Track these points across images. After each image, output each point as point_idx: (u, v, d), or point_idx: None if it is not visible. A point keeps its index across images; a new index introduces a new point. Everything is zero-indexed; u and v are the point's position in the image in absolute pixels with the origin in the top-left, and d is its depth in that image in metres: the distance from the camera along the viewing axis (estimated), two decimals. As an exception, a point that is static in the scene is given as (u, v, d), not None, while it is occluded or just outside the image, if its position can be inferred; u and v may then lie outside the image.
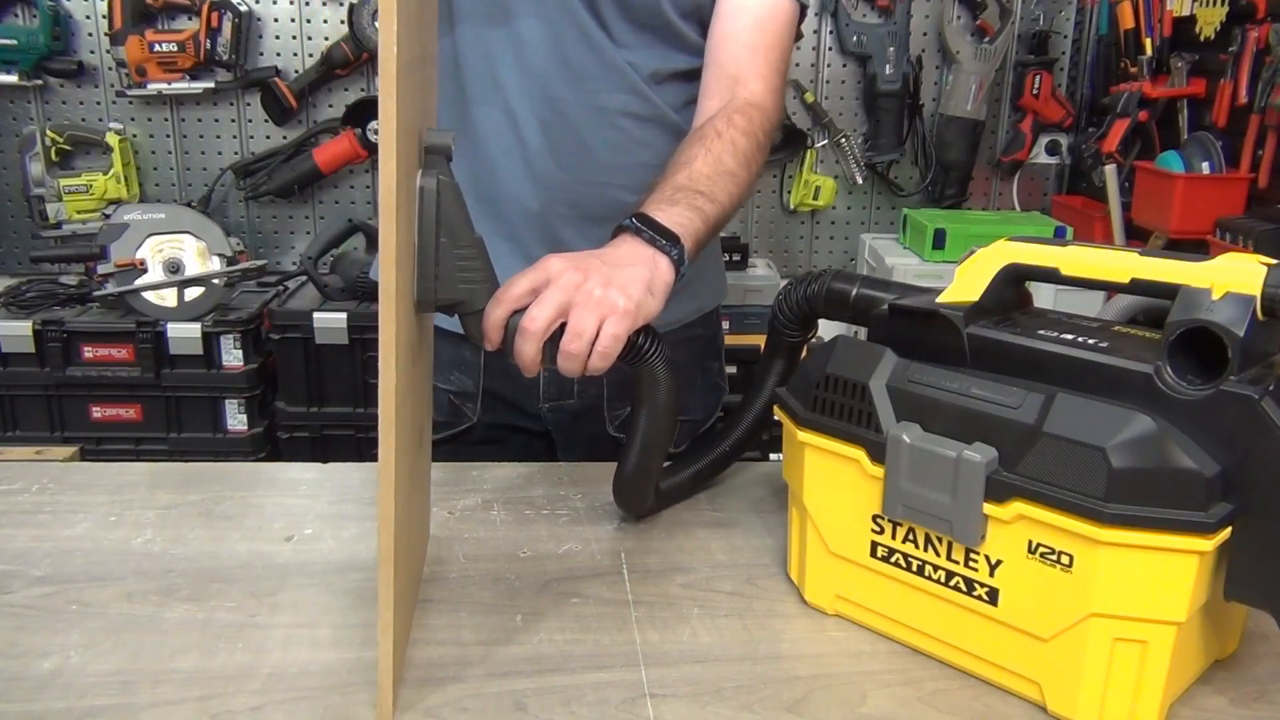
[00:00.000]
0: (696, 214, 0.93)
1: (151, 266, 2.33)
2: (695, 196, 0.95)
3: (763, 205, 2.86)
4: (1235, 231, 2.03)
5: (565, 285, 0.80)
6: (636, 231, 0.89)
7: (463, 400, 1.23)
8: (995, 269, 0.76)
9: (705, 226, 0.94)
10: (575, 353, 0.80)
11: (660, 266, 0.87)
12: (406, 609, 0.79)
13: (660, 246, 0.88)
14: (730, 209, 1.00)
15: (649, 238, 0.88)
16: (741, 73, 1.07)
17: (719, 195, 0.97)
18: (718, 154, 1.00)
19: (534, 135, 1.10)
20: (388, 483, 0.65)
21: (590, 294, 0.80)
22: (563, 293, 0.80)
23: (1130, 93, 2.42)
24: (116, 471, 1.09)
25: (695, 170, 0.98)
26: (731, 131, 1.02)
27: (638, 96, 1.10)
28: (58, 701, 0.71)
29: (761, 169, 1.07)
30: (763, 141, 1.05)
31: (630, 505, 0.97)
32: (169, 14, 2.60)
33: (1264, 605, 0.67)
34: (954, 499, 0.71)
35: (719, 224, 0.99)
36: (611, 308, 0.80)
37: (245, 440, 2.44)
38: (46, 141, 2.58)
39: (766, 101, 1.07)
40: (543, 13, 1.07)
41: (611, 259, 0.85)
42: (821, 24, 2.72)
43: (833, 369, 0.78)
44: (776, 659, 0.78)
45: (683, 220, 0.91)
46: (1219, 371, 0.65)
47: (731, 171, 1.00)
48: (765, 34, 1.08)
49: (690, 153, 1.00)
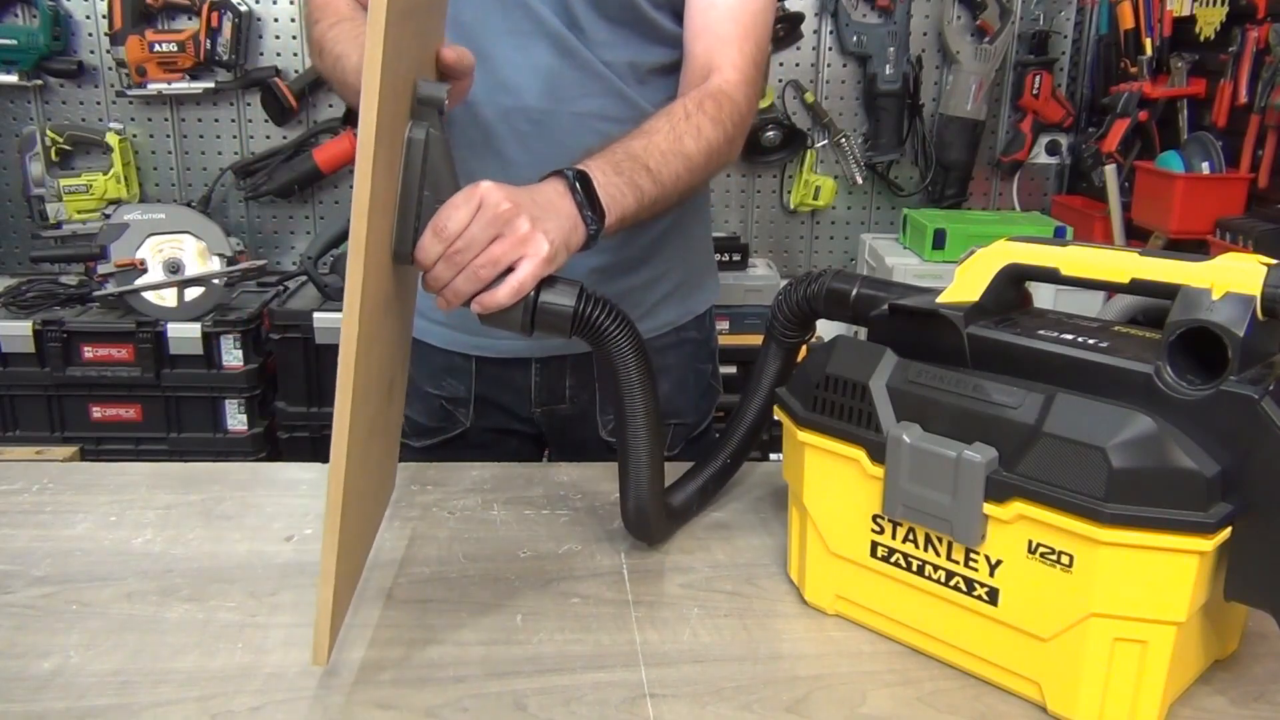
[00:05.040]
0: (633, 191, 0.92)
1: (151, 266, 2.33)
2: (641, 172, 0.93)
3: (763, 205, 2.86)
4: (1235, 231, 2.03)
5: (496, 216, 0.79)
6: (570, 189, 0.87)
7: (455, 406, 1.22)
8: (995, 269, 0.76)
9: (638, 207, 0.93)
10: (484, 277, 0.79)
11: (578, 230, 0.86)
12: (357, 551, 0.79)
13: (584, 215, 0.87)
14: (675, 194, 0.98)
15: (579, 201, 0.87)
16: (715, 63, 1.06)
17: (665, 176, 0.95)
18: (679, 134, 0.98)
19: (514, 149, 1.09)
20: (341, 431, 0.65)
21: (517, 228, 0.80)
22: (491, 224, 0.79)
23: (1130, 93, 2.42)
24: (116, 471, 1.09)
25: (653, 144, 0.96)
26: (700, 116, 1.00)
27: (617, 99, 1.09)
28: (58, 701, 0.71)
29: (728, 161, 1.05)
30: (731, 132, 1.03)
31: (650, 531, 0.93)
32: (169, 14, 2.60)
33: (1264, 605, 0.67)
34: (954, 499, 0.71)
35: (656, 206, 0.96)
36: (536, 249, 0.80)
37: (245, 440, 2.44)
38: (46, 141, 2.58)
39: (739, 93, 1.05)
40: (511, 26, 1.05)
41: (541, 201, 0.84)
42: (821, 24, 2.71)
43: (833, 369, 0.78)
44: (776, 659, 0.78)
45: (617, 194, 0.90)
46: (1219, 371, 0.65)
47: (688, 155, 0.98)
48: (739, 25, 1.06)
49: (654, 124, 0.98)
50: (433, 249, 0.78)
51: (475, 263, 0.79)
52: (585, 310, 0.82)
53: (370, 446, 0.77)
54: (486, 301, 0.80)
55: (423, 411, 1.23)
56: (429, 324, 1.20)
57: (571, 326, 0.82)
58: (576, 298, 0.82)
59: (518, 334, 0.83)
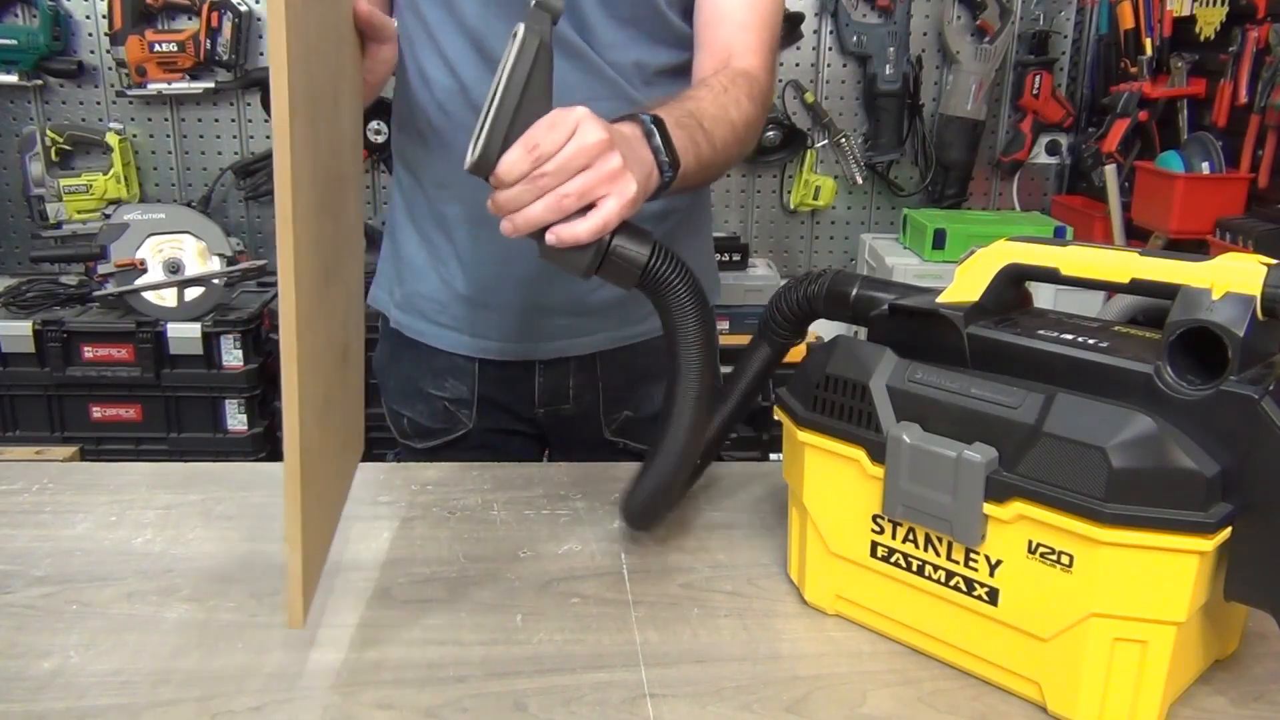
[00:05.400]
0: (693, 148, 0.89)
1: (151, 266, 2.33)
2: (698, 130, 0.91)
3: (763, 205, 2.86)
4: (1235, 231, 2.03)
5: (592, 146, 0.75)
6: (648, 134, 0.85)
7: (457, 407, 1.22)
8: (995, 269, 0.76)
9: (697, 165, 0.90)
10: (566, 207, 0.75)
11: (652, 178, 0.83)
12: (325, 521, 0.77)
13: (660, 161, 0.84)
14: (723, 160, 0.96)
15: (655, 147, 0.84)
16: (734, 48, 1.05)
17: (717, 140, 0.94)
18: (724, 103, 0.97)
19: None
20: (291, 399, 0.65)
21: (609, 162, 0.76)
22: (585, 153, 0.75)
23: (1130, 93, 2.42)
24: (116, 471, 1.08)
25: (702, 108, 0.94)
26: (735, 90, 0.99)
27: (623, 101, 1.08)
28: (58, 701, 0.71)
29: (756, 140, 1.04)
30: (761, 111, 1.02)
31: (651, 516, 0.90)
32: (169, 14, 2.60)
33: (1264, 605, 0.67)
34: (954, 499, 0.71)
35: (707, 170, 0.94)
36: (624, 188, 0.76)
37: (245, 440, 2.44)
38: (46, 141, 2.58)
39: (763, 77, 1.05)
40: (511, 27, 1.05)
41: (628, 143, 0.80)
42: (821, 24, 2.72)
43: (833, 369, 0.78)
44: (776, 659, 0.78)
45: (685, 148, 0.88)
46: (1219, 371, 0.65)
47: (734, 122, 0.96)
48: (756, 13, 1.06)
49: (696, 93, 0.97)
50: (519, 166, 0.73)
51: (562, 189, 0.74)
52: (657, 264, 0.78)
53: (329, 414, 0.76)
54: (564, 235, 0.75)
55: (425, 413, 1.23)
56: (431, 326, 1.20)
57: (641, 277, 0.78)
58: (652, 248, 0.78)
59: (576, 275, 0.79)
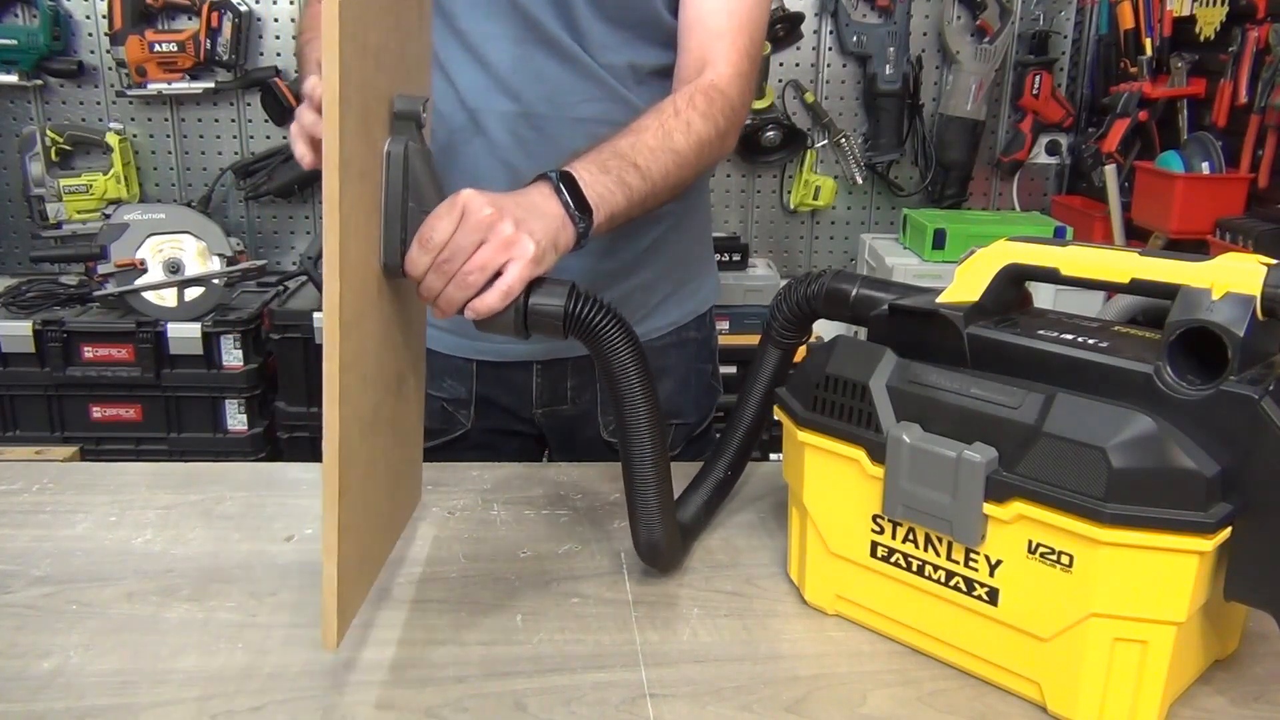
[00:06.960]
0: (622, 189, 0.92)
1: (151, 266, 2.33)
2: (630, 170, 0.93)
3: (763, 205, 2.86)
4: (1235, 231, 2.03)
5: (479, 222, 0.79)
6: (556, 190, 0.87)
7: (456, 407, 1.22)
8: (995, 269, 0.76)
9: (629, 204, 0.93)
10: (473, 284, 0.79)
11: (565, 230, 0.86)
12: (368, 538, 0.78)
13: (571, 214, 0.87)
14: (664, 190, 0.98)
15: (564, 201, 0.87)
16: (709, 56, 1.05)
17: (654, 173, 0.95)
18: (669, 130, 0.98)
19: (518, 157, 1.08)
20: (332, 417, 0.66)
21: (501, 232, 0.80)
22: (475, 230, 0.79)
23: (1130, 93, 2.42)
24: (116, 471, 1.09)
25: (641, 141, 0.96)
26: (690, 112, 1.00)
27: (617, 103, 1.08)
28: (58, 701, 0.71)
29: (721, 155, 1.05)
30: (723, 127, 1.03)
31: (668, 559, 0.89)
32: (169, 14, 2.60)
33: (1264, 605, 0.67)
34: (954, 499, 0.71)
35: (646, 203, 0.96)
36: (522, 250, 0.80)
37: (245, 440, 2.44)
38: (46, 141, 2.58)
39: (731, 87, 1.04)
40: (511, 32, 1.05)
41: (526, 204, 0.84)
42: (821, 24, 2.71)
43: (833, 369, 0.78)
44: (776, 659, 0.78)
45: (605, 192, 0.90)
46: (1219, 371, 0.65)
47: (678, 150, 0.98)
48: (733, 18, 1.05)
49: (643, 122, 0.98)
50: (421, 260, 0.79)
51: (463, 270, 0.79)
52: (577, 309, 0.81)
53: (376, 434, 0.77)
54: (478, 307, 0.80)
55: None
56: (429, 327, 1.20)
57: (565, 326, 0.82)
58: (567, 296, 0.81)
59: (516, 338, 0.83)
